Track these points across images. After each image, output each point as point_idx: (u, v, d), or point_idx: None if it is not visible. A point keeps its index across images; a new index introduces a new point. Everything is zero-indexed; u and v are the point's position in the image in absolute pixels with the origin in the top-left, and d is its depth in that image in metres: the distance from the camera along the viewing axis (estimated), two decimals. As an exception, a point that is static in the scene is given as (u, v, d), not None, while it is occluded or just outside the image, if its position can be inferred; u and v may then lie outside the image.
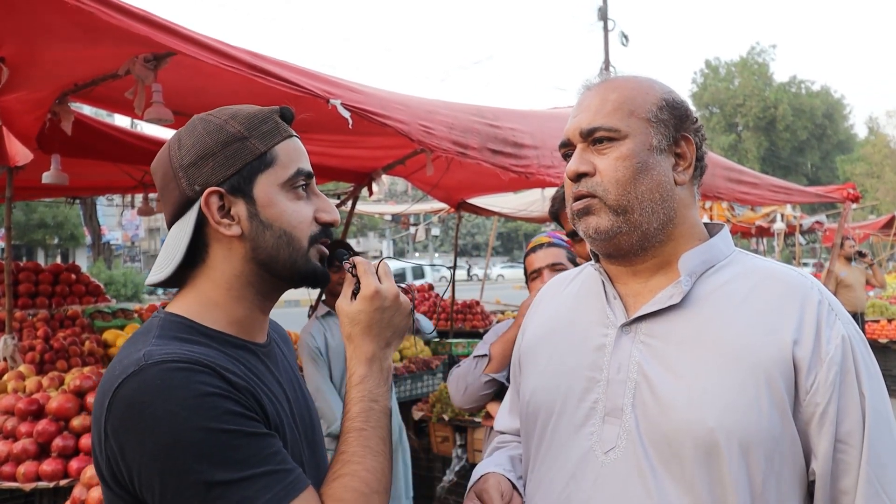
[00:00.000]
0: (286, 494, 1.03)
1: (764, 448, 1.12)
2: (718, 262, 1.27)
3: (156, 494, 1.01)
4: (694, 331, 1.20)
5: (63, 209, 25.95)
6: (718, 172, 5.59)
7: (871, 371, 1.17)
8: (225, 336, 1.18)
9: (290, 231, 1.19)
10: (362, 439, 1.14)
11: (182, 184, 1.17)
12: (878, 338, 9.70)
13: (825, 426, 1.13)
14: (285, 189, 1.19)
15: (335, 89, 2.88)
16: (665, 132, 1.26)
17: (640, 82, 1.30)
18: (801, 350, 1.15)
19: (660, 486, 1.15)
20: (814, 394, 1.14)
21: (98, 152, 4.57)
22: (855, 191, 7.30)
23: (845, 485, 1.13)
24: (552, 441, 1.31)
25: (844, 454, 1.13)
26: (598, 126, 1.25)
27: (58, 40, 2.72)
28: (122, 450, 1.02)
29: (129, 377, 1.03)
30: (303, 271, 1.22)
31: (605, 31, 24.80)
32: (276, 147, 1.19)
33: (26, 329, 5.48)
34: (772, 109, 41.65)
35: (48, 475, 3.40)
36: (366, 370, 1.20)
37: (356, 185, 6.02)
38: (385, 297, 1.20)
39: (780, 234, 11.90)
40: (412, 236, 11.42)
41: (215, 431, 1.01)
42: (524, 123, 3.90)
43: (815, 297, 1.19)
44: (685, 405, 1.15)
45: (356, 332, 1.21)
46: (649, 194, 1.23)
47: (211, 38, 2.57)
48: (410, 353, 6.68)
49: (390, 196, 15.68)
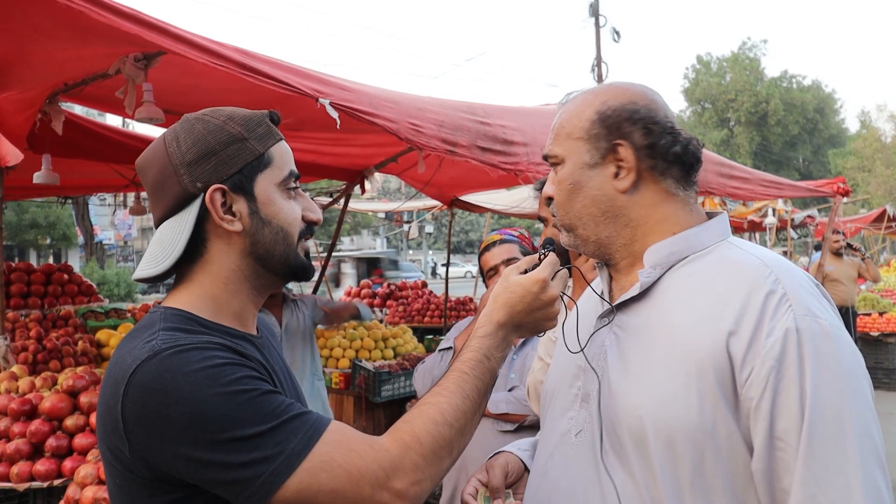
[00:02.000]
0: (315, 432, 1.09)
1: (692, 441, 1.11)
2: (694, 253, 1.25)
3: (192, 463, 1.05)
4: (646, 322, 1.24)
5: (55, 209, 25.90)
6: (710, 168, 5.61)
7: (823, 366, 1.07)
8: (224, 328, 1.23)
9: (286, 228, 1.26)
10: (460, 381, 1.18)
11: (184, 180, 1.21)
12: (870, 331, 9.74)
13: (759, 422, 1.08)
14: (280, 188, 1.26)
15: (325, 87, 2.89)
16: (597, 145, 1.27)
17: (581, 101, 1.33)
18: (737, 342, 1.11)
19: (610, 469, 1.20)
20: (748, 388, 1.09)
21: (89, 152, 4.56)
22: (845, 185, 7.32)
23: (786, 484, 1.07)
24: (545, 423, 1.41)
25: (783, 452, 1.07)
26: (546, 154, 1.37)
27: (48, 39, 2.72)
28: (147, 432, 1.06)
29: (144, 363, 1.08)
30: (293, 265, 1.29)
31: (597, 27, 24.83)
32: (271, 149, 1.26)
33: (19, 329, 5.47)
34: (763, 104, 41.74)
35: (42, 475, 3.39)
36: (492, 330, 1.24)
37: (348, 182, 6.02)
38: (545, 291, 1.25)
39: (771, 228, 11.95)
40: (405, 234, 11.44)
41: (237, 393, 1.07)
42: (515, 120, 3.91)
43: (765, 288, 1.13)
44: (625, 394, 1.20)
45: (502, 298, 1.26)
46: (586, 210, 1.30)
47: (201, 36, 2.57)
48: (404, 350, 6.69)
49: (384, 194, 15.68)
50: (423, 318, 9.68)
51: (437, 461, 1.12)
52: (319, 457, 1.07)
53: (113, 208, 9.02)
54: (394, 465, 1.08)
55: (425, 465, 1.10)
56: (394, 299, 10.52)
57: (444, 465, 1.14)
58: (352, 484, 1.07)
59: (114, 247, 36.37)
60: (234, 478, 1.05)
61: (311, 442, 1.07)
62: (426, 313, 9.78)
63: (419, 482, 1.10)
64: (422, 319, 9.62)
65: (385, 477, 1.08)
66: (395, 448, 1.10)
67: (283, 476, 1.05)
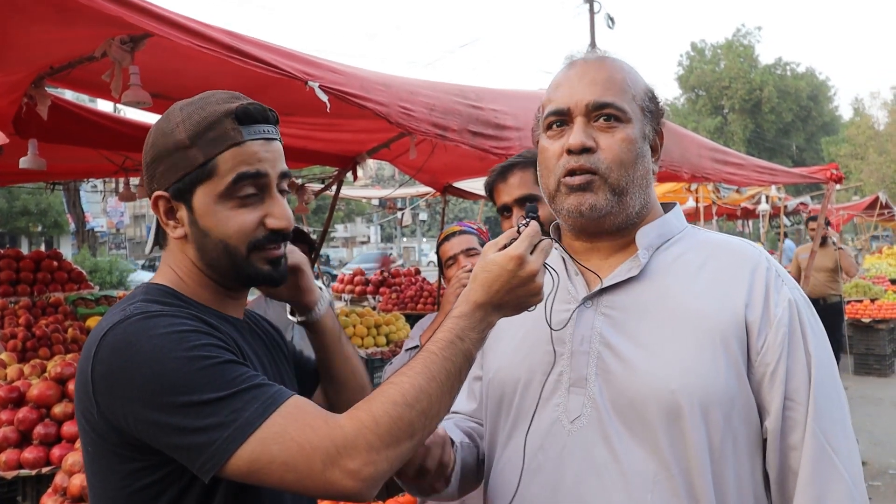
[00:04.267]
0: (272, 403, 1.08)
1: (722, 408, 1.18)
2: (673, 237, 1.34)
3: (150, 426, 1.07)
4: (653, 300, 1.26)
5: (46, 196, 25.72)
6: (705, 154, 5.60)
7: (815, 332, 1.24)
8: (201, 305, 1.25)
9: (226, 240, 1.22)
10: (427, 361, 1.14)
11: (146, 180, 1.26)
12: (862, 317, 9.77)
13: (776, 385, 1.20)
14: (223, 199, 1.21)
15: (315, 70, 2.84)
16: (652, 123, 1.34)
17: (630, 70, 1.35)
18: (752, 313, 1.21)
19: (626, 450, 1.20)
20: (764, 354, 1.20)
21: (77, 137, 4.50)
22: (838, 171, 7.31)
23: (793, 440, 1.19)
24: (518, 416, 1.33)
25: (792, 411, 1.20)
26: (611, 103, 1.27)
27: (30, 20, 2.67)
28: (111, 391, 1.09)
29: (114, 326, 1.11)
30: (248, 275, 1.26)
31: (591, 13, 24.76)
32: (218, 157, 1.19)
33: (8, 317, 5.44)
34: (757, 92, 41.65)
35: (30, 463, 3.38)
36: (467, 311, 1.18)
37: (340, 169, 5.98)
38: (523, 267, 1.16)
39: (764, 215, 11.95)
40: (399, 221, 11.39)
41: (198, 358, 1.08)
42: (507, 104, 3.87)
43: (764, 265, 1.26)
44: (648, 371, 1.20)
45: (480, 278, 1.18)
46: (640, 180, 1.29)
47: (186, 18, 2.52)
48: (397, 337, 6.68)
49: (377, 181, 15.63)
50: (416, 305, 9.69)
51: (394, 443, 1.08)
52: (273, 427, 1.06)
53: (104, 195, 8.95)
54: (347, 443, 1.06)
55: (381, 447, 1.07)
56: (387, 286, 10.51)
57: (403, 448, 1.09)
58: (303, 458, 1.05)
59: (106, 234, 36.21)
60: (188, 443, 1.05)
61: (266, 412, 1.06)
62: (419, 300, 9.78)
63: (373, 462, 1.06)
64: (415, 306, 9.63)
65: (337, 454, 1.05)
66: (351, 426, 1.07)
67: (235, 443, 1.04)
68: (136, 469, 1.12)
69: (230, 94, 1.25)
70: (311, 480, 1.05)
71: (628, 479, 1.18)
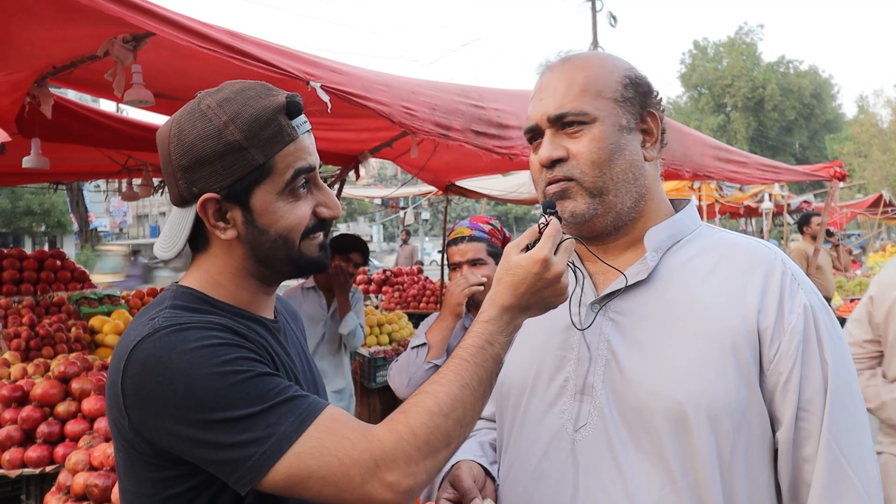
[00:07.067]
0: (308, 416, 1.07)
1: (731, 418, 1.14)
2: (685, 237, 1.29)
3: (184, 441, 1.06)
4: (661, 306, 1.22)
5: (49, 196, 25.75)
6: (708, 152, 5.59)
7: (833, 339, 1.18)
8: (233, 308, 1.23)
9: (286, 234, 1.21)
10: (460, 368, 1.13)
11: (180, 185, 1.18)
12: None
13: (789, 394, 1.15)
14: (282, 195, 1.19)
15: (316, 70, 2.84)
16: (632, 110, 1.27)
17: (603, 60, 1.30)
18: (765, 320, 1.16)
19: (630, 461, 1.16)
20: (777, 363, 1.15)
21: (80, 137, 4.51)
22: (842, 169, 7.30)
23: (807, 452, 1.15)
24: (524, 420, 1.31)
25: (806, 422, 1.15)
26: (567, 112, 1.25)
27: (32, 19, 2.67)
28: (143, 406, 1.08)
29: (144, 339, 1.09)
30: (300, 264, 1.25)
31: (594, 11, 24.74)
32: (276, 155, 1.17)
33: (11, 316, 5.44)
34: (760, 90, 41.60)
35: (34, 461, 3.39)
36: (496, 314, 1.17)
37: (343, 168, 5.98)
38: (549, 269, 1.15)
39: (768, 213, 11.95)
40: (401, 220, 11.40)
41: (230, 373, 1.06)
42: (509, 104, 3.86)
43: (779, 268, 1.21)
44: (653, 379, 1.17)
45: (506, 280, 1.17)
46: (623, 174, 1.24)
47: (188, 17, 2.52)
48: (399, 335, 6.68)
49: (379, 180, 15.63)
50: (418, 303, 9.69)
51: (432, 454, 1.08)
52: (310, 442, 1.05)
53: (106, 195, 8.95)
54: (386, 455, 1.06)
55: (420, 458, 1.07)
56: (389, 285, 10.52)
57: (440, 458, 1.10)
58: (342, 472, 1.04)
59: (109, 234, 36.27)
60: (223, 458, 1.05)
61: (302, 426, 1.06)
62: (422, 299, 9.78)
63: (413, 475, 1.06)
64: (417, 305, 9.63)
65: (376, 467, 1.05)
66: (389, 438, 1.07)
67: (272, 459, 1.04)
68: (169, 477, 1.12)
69: (264, 87, 1.21)
70: (349, 493, 1.05)
71: (632, 490, 1.15)
